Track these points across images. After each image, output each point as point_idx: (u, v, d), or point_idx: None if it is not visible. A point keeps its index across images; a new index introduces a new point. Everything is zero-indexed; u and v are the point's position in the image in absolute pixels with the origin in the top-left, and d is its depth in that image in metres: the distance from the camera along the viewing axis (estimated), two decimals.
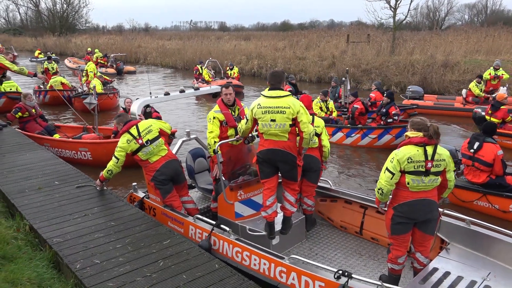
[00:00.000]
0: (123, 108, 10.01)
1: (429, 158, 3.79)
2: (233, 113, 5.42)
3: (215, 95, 6.86)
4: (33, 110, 10.17)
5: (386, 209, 4.13)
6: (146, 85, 22.42)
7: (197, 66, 20.62)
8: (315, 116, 5.52)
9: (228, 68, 20.68)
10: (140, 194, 6.05)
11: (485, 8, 50.76)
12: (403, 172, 3.86)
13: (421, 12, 48.69)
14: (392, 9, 24.62)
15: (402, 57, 22.20)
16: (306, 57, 25.59)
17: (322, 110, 11.16)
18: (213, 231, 4.73)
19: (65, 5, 60.19)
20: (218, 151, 4.89)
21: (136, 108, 5.82)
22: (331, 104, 11.31)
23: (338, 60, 23.57)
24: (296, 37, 31.51)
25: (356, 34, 29.03)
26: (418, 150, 3.81)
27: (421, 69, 19.79)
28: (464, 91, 14.44)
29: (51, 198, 5.81)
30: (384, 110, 10.65)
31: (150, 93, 6.40)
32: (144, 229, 4.91)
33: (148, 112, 5.36)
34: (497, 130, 9.37)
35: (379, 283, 3.53)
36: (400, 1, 24.19)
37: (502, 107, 9.96)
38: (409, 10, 24.98)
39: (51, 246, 4.52)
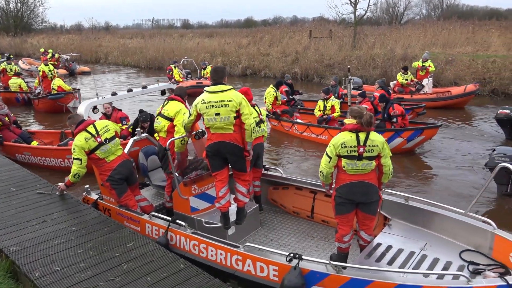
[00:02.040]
0: (102, 113, 9.53)
1: (361, 143, 4.09)
2: None
3: (163, 93, 6.99)
4: (6, 118, 9.62)
5: (332, 191, 4.41)
6: (104, 85, 21.88)
7: (171, 65, 19.85)
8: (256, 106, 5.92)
9: (202, 68, 20.37)
10: (94, 196, 5.98)
11: (441, 3, 52.55)
12: (339, 156, 4.20)
13: (381, 7, 49.80)
14: (353, 5, 25.09)
15: (363, 52, 22.69)
16: (270, 54, 25.70)
17: (319, 110, 11.06)
18: (169, 227, 4.80)
19: (19, 4, 57.66)
20: (168, 149, 5.00)
21: (83, 110, 5.73)
22: (331, 103, 10.83)
23: (301, 56, 23.80)
24: (260, 34, 31.57)
25: (318, 29, 29.39)
26: (351, 136, 4.13)
27: (382, 63, 20.29)
28: (392, 82, 15.39)
29: (8, 206, 5.57)
30: (385, 115, 10.05)
31: (97, 94, 6.38)
32: (107, 232, 4.80)
33: (201, 131, 5.34)
34: None
35: (326, 261, 3.78)
36: None
37: None
38: (368, 5, 25.69)
39: (8, 255, 4.34)
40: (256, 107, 6.00)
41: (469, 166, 8.84)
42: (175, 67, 19.51)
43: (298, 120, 11.49)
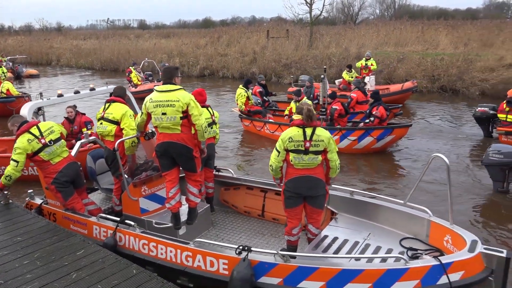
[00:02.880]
0: (65, 117, 9.02)
1: (308, 138, 4.22)
2: None
3: (110, 95, 6.76)
4: None
5: (282, 185, 4.53)
6: (55, 88, 21.11)
7: (130, 68, 18.91)
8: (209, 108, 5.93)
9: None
10: (38, 201, 5.78)
11: (394, 3, 54.38)
12: (287, 151, 4.32)
13: (336, 7, 50.94)
14: (308, 5, 25.57)
15: (320, 51, 23.17)
16: (228, 54, 25.73)
17: (292, 113, 10.81)
18: (118, 227, 4.74)
19: None
20: (117, 149, 4.93)
21: (26, 112, 5.53)
22: None
23: (259, 56, 23.98)
24: (217, 34, 31.52)
25: (276, 29, 29.70)
26: (298, 131, 4.27)
27: (337, 62, 20.79)
28: (338, 80, 15.90)
29: None
30: (368, 111, 9.96)
31: (41, 94, 6.14)
32: (56, 241, 4.61)
33: (151, 132, 5.18)
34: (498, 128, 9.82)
35: (275, 251, 3.88)
36: None
37: None
38: (324, 5, 26.15)
39: None
40: (209, 109, 6.00)
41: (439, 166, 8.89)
42: (134, 69, 18.91)
43: (270, 120, 11.39)
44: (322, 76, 11.12)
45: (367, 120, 9.70)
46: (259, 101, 12.10)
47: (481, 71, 17.10)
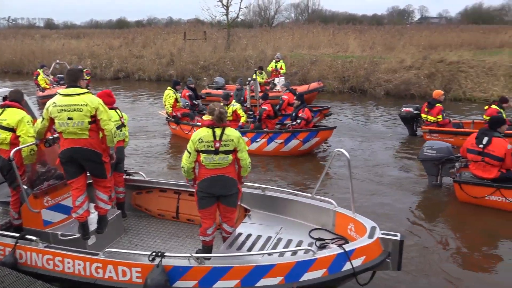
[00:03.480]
0: None
1: (217, 138, 4.27)
2: None
3: (4, 99, 6.19)
4: None
5: (195, 186, 4.52)
6: None
7: (38, 70, 17.13)
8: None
9: None
10: None
11: (307, 8, 56.81)
12: (198, 151, 4.32)
13: (253, 10, 51.99)
14: (225, 7, 25.72)
15: (237, 53, 23.40)
16: (144, 55, 24.98)
17: None
18: (17, 243, 4.35)
19: None
20: (13, 159, 4.53)
21: None
22: (232, 108, 10.05)
23: (176, 58, 23.61)
24: (132, 35, 30.43)
25: (193, 31, 29.46)
26: (208, 132, 4.29)
27: (254, 64, 21.16)
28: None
29: None
30: (294, 114, 9.89)
31: None
32: None
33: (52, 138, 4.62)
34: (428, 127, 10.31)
35: (189, 255, 3.84)
36: (232, 0, 25.47)
37: (437, 104, 10.18)
38: (240, 8, 26.44)
39: None
40: (117, 111, 5.78)
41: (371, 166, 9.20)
42: (42, 71, 17.31)
43: (198, 123, 11.02)
44: (250, 79, 11.12)
45: (294, 122, 9.72)
46: (187, 103, 11.81)
47: (385, 72, 18.47)
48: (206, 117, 4.39)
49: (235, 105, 10.17)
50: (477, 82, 16.97)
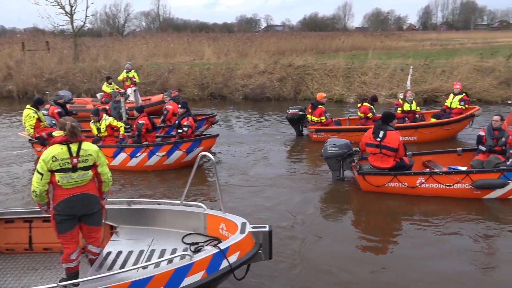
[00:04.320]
0: None
1: (74, 154, 4.01)
2: None
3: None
4: None
5: (50, 210, 4.13)
6: None
7: None
8: None
9: None
10: None
11: (158, 16, 56.24)
12: (52, 171, 3.98)
13: (100, 18, 49.32)
14: (69, 15, 23.82)
15: (88, 64, 21.90)
16: None
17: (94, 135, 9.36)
18: None
19: None
20: None
21: None
22: (105, 123, 9.28)
23: (15, 71, 20.99)
24: None
25: (33, 41, 26.62)
26: (62, 148, 4.00)
27: (108, 74, 20.05)
28: (99, 94, 15.47)
29: None
30: (177, 122, 9.44)
31: None
32: None
33: None
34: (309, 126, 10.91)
35: (54, 284, 3.48)
36: (76, 7, 23.72)
37: (319, 106, 10.91)
38: (86, 16, 24.67)
39: None
40: None
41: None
42: None
43: None
44: (123, 91, 10.24)
45: (180, 130, 9.36)
46: (53, 121, 10.32)
47: (242, 78, 19.36)
48: (58, 133, 4.07)
49: (107, 119, 9.41)
50: (321, 83, 18.91)
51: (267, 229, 4.08)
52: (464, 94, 11.08)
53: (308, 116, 11.21)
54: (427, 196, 7.16)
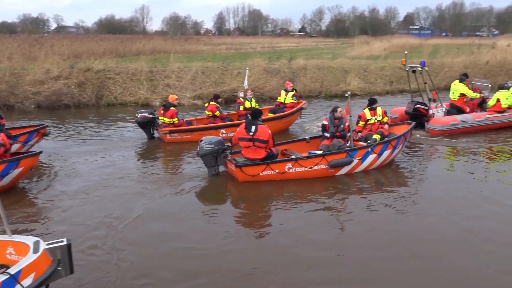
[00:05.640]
0: None
1: None
2: None
3: None
4: None
5: None
6: None
7: None
8: None
9: None
10: None
11: None
12: None
13: None
14: None
15: None
16: None
17: None
18: None
19: None
20: None
21: None
22: None
23: None
24: None
25: None
26: None
27: None
28: None
29: None
30: None
31: None
32: None
33: None
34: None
35: None
36: None
37: (171, 108, 11.10)
38: None
39: None
40: None
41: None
42: None
43: None
44: None
45: None
46: None
47: (32, 84, 17.23)
48: None
49: None
50: (125, 88, 18.38)
51: (65, 242, 3.83)
52: (294, 90, 12.93)
53: (161, 118, 11.21)
54: (295, 180, 8.21)
